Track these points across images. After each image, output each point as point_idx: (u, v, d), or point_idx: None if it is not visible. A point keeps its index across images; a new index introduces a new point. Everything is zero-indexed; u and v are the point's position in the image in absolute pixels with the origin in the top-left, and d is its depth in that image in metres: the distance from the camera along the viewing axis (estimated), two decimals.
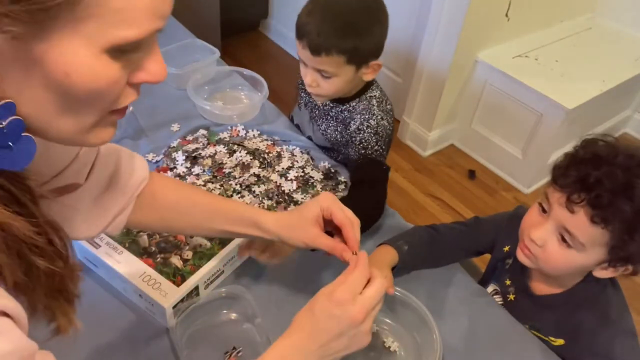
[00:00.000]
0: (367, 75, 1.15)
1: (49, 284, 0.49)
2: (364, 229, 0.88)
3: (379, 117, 1.17)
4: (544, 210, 0.86)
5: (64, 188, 0.64)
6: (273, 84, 1.65)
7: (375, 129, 1.15)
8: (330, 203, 0.81)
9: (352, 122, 1.19)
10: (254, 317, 0.91)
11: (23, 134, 0.44)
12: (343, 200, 1.07)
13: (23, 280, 0.46)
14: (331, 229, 0.83)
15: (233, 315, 0.94)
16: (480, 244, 1.08)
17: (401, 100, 2.50)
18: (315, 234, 0.80)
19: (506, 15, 2.19)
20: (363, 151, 1.15)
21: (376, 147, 1.15)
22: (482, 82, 2.28)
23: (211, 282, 0.95)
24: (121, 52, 0.44)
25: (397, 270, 0.98)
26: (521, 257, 0.91)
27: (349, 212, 0.81)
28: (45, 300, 0.50)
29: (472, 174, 2.39)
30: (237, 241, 0.98)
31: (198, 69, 1.45)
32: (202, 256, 0.95)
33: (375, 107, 1.18)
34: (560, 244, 0.84)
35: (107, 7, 0.40)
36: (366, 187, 1.11)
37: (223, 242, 0.98)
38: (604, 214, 0.77)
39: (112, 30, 0.41)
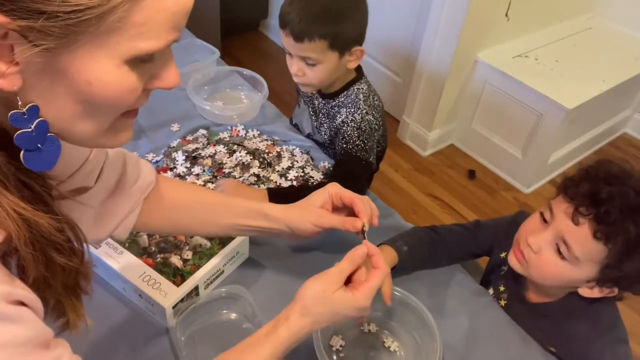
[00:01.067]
0: (350, 62, 1.17)
1: (64, 280, 0.52)
2: None
3: (364, 111, 1.18)
4: (544, 220, 0.87)
5: (74, 191, 0.66)
6: (273, 84, 1.65)
7: (358, 124, 1.17)
8: (338, 188, 0.87)
9: (338, 116, 1.21)
10: (254, 317, 0.91)
11: (48, 134, 0.47)
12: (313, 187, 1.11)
13: (42, 276, 0.48)
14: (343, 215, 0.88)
15: (233, 315, 0.94)
16: (479, 247, 1.08)
17: (401, 100, 2.50)
18: (323, 213, 0.85)
19: (506, 15, 2.19)
20: (345, 145, 1.17)
21: (357, 142, 1.16)
22: (482, 82, 2.28)
23: (211, 282, 0.95)
24: (140, 61, 0.46)
25: (397, 271, 0.98)
26: (512, 261, 0.91)
27: (356, 193, 0.87)
28: (58, 296, 0.53)
29: (472, 174, 2.39)
30: (236, 242, 0.98)
31: (198, 69, 1.45)
32: (202, 256, 0.95)
33: (361, 101, 1.20)
34: (556, 254, 0.84)
35: (130, 21, 0.42)
36: (343, 182, 1.11)
37: (223, 242, 0.98)
38: (608, 231, 0.77)
39: (133, 43, 0.44)
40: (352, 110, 1.18)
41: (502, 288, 1.03)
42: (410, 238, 1.03)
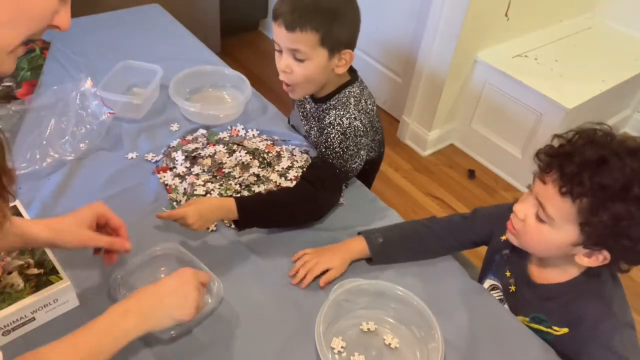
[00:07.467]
0: (339, 67, 1.15)
1: None
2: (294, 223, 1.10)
3: (353, 116, 1.16)
4: (530, 190, 0.90)
5: None
6: (273, 83, 1.65)
7: (344, 129, 1.14)
8: (105, 210, 0.92)
9: (327, 117, 1.19)
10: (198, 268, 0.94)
11: None
12: (280, 192, 1.14)
13: None
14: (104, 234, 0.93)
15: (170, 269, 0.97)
16: (477, 234, 1.09)
17: (401, 100, 2.50)
18: (90, 235, 0.89)
19: (506, 15, 2.19)
20: (324, 150, 1.16)
21: (337, 149, 1.14)
22: (481, 81, 2.28)
23: (14, 329, 0.86)
24: None
25: (374, 261, 1.04)
26: (507, 234, 0.95)
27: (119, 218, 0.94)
28: None
29: (471, 174, 2.40)
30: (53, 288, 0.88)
31: (147, 97, 1.36)
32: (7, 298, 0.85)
33: (352, 105, 1.17)
34: (536, 218, 0.86)
35: None
36: (311, 188, 1.11)
37: (38, 285, 0.88)
38: (570, 186, 0.79)
39: None
40: (342, 113, 1.16)
41: (508, 273, 1.03)
42: (393, 229, 1.06)
